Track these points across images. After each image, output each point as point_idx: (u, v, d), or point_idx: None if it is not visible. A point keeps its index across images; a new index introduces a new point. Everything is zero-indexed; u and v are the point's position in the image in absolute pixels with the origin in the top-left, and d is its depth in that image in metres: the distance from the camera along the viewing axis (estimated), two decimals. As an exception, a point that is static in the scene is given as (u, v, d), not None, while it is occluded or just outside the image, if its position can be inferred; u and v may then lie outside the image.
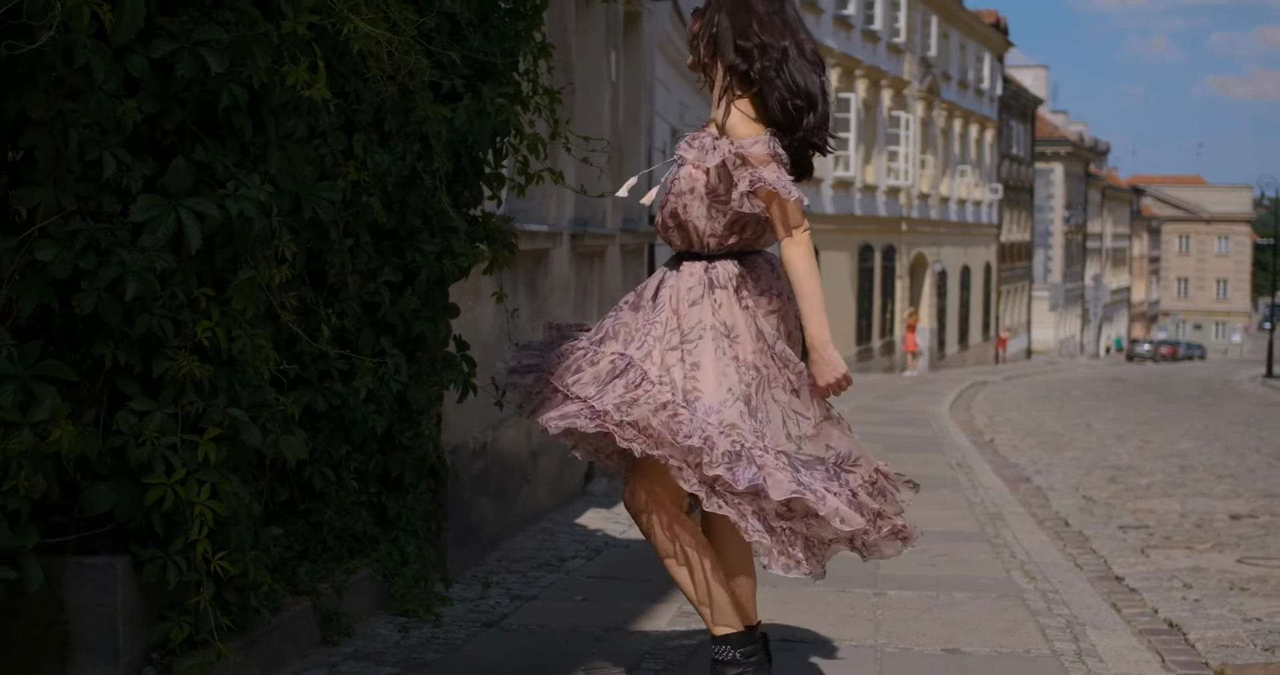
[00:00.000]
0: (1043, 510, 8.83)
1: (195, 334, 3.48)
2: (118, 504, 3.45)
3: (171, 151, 3.47)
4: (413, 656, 4.20)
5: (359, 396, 4.54)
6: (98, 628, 3.48)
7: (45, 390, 3.24)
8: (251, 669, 3.79)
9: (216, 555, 3.52)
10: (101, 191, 3.33)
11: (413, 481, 4.92)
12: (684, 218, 3.51)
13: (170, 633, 3.52)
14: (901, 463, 10.45)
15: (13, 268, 3.25)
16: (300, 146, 3.81)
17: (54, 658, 3.48)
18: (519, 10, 4.93)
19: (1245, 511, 8.92)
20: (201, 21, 3.42)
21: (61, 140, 3.25)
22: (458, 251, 4.82)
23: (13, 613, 3.41)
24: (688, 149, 3.50)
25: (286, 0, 3.66)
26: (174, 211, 3.39)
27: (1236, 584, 6.46)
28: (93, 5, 3.06)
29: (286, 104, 3.70)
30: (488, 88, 4.80)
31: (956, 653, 4.48)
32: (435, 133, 4.56)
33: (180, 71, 3.35)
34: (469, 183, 5.00)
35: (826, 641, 4.56)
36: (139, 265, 3.30)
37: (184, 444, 3.48)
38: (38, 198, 3.28)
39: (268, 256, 3.66)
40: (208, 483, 3.48)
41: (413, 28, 4.33)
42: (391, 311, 4.71)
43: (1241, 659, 5.00)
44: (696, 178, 3.48)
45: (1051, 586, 5.68)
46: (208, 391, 3.53)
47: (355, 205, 4.45)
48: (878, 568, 5.96)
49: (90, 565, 3.47)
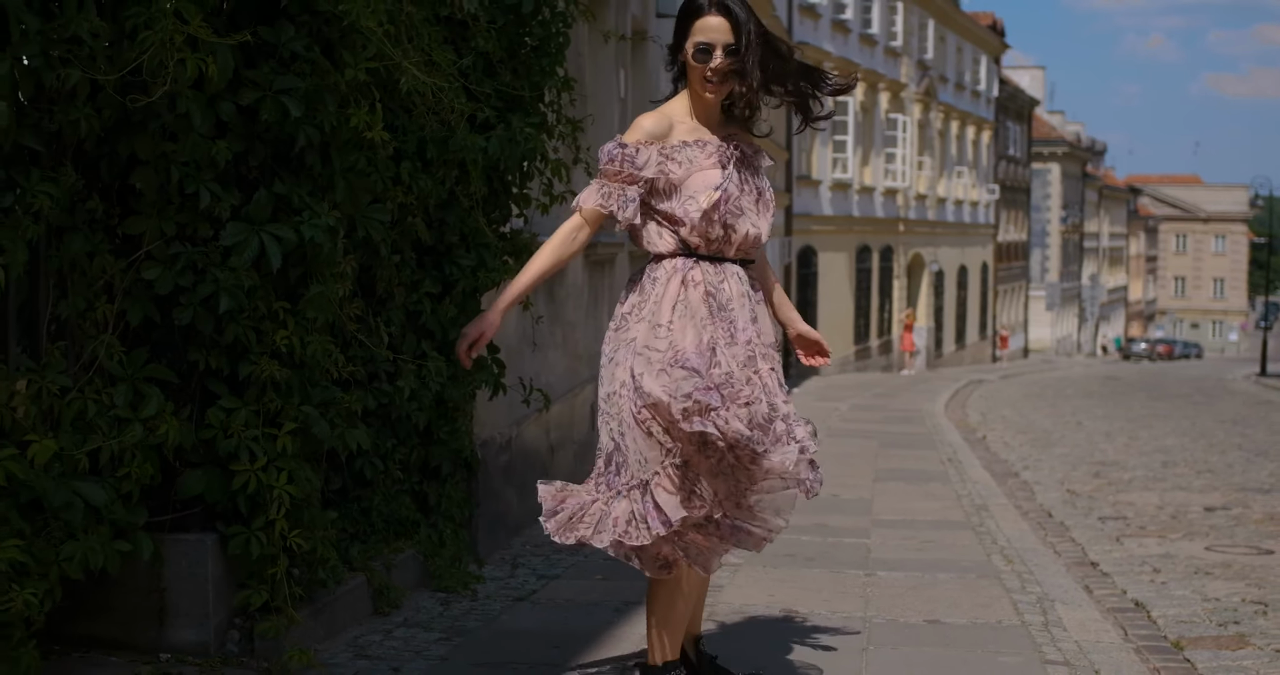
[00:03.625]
0: (1027, 502, 9.36)
1: (274, 341, 4.03)
2: (208, 488, 4.00)
3: (255, 184, 4.02)
4: (456, 624, 4.76)
5: (404, 395, 5.08)
6: (190, 595, 4.03)
7: (151, 390, 3.79)
8: (317, 633, 4.33)
9: (292, 533, 4.07)
10: (197, 219, 3.88)
11: (450, 472, 5.48)
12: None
13: (250, 599, 4.07)
14: (895, 458, 11.06)
15: (123, 285, 3.80)
16: (360, 177, 4.36)
17: (152, 620, 4.03)
18: (544, 48, 5.48)
19: (1220, 504, 9.45)
20: (281, 72, 3.96)
21: (164, 176, 3.81)
22: (490, 265, 5.38)
23: (118, 582, 3.96)
24: (766, 159, 3.81)
25: (349, 50, 4.21)
26: (257, 236, 3.93)
27: (1202, 569, 7.00)
28: (199, 60, 3.60)
29: (350, 141, 4.25)
30: (517, 118, 5.35)
31: (937, 623, 5.03)
32: (472, 160, 5.11)
33: (265, 116, 3.90)
34: (500, 203, 5.55)
35: (821, 614, 5.11)
36: (230, 282, 3.85)
37: (264, 436, 4.02)
38: (144, 225, 3.83)
39: (334, 273, 4.20)
40: (285, 470, 4.03)
41: (452, 67, 4.88)
42: (432, 319, 5.26)
43: (1196, 632, 5.55)
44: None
45: (1027, 569, 6.23)
46: (284, 391, 4.08)
47: (401, 225, 5.00)
48: (869, 552, 6.53)
49: (184, 541, 4.02)
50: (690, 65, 3.59)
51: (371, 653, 4.36)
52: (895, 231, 36.89)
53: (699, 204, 3.57)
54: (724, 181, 3.59)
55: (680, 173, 3.59)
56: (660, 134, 3.61)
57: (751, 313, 3.64)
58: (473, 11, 5.14)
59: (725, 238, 3.61)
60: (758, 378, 3.58)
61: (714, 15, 3.55)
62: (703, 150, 3.62)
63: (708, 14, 3.56)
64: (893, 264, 37.09)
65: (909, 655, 4.56)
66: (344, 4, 4.01)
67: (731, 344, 3.57)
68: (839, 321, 32.21)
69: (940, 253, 40.94)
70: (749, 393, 3.52)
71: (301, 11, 4.03)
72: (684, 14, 3.61)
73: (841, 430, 14.03)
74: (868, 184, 34.77)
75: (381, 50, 4.33)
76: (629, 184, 3.60)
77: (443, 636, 4.61)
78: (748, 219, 3.63)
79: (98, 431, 3.65)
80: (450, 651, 4.43)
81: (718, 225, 3.59)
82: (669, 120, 3.65)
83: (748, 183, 3.66)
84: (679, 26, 3.61)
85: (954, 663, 4.48)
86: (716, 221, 3.58)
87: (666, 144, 3.61)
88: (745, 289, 3.64)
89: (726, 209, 3.58)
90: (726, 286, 3.61)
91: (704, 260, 3.62)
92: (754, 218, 3.65)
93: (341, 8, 4.00)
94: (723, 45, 3.54)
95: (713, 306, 3.58)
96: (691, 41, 3.57)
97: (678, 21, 3.63)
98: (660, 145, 3.60)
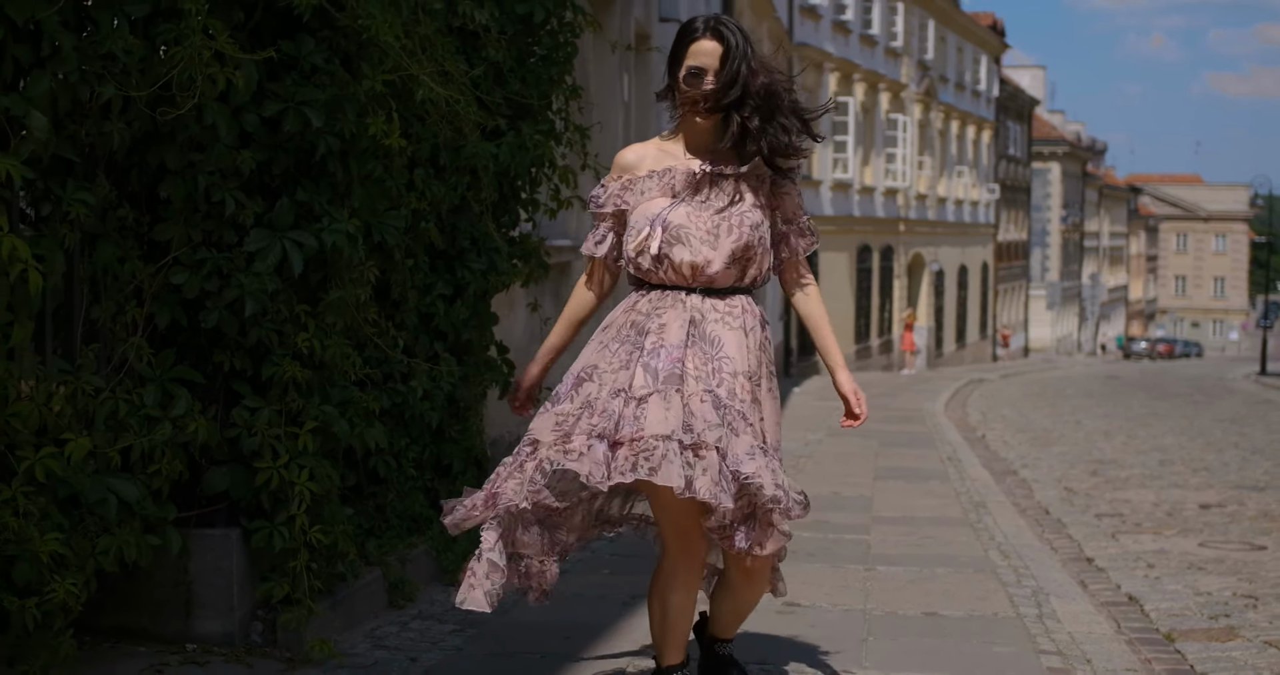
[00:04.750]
0: (1026, 500, 9.51)
1: (296, 343, 4.19)
2: (232, 484, 4.16)
3: (277, 192, 4.19)
4: (469, 616, 4.91)
5: (417, 395, 5.25)
6: (215, 587, 4.20)
7: (179, 391, 3.96)
8: (336, 624, 4.49)
9: (313, 528, 4.23)
10: (223, 226, 4.05)
11: (461, 469, 5.64)
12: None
13: (273, 591, 4.23)
14: (895, 457, 11.21)
15: (152, 290, 3.97)
16: (377, 184, 4.52)
17: (179, 612, 4.20)
18: (553, 57, 5.64)
19: (1215, 502, 9.59)
20: (302, 84, 4.12)
21: (192, 185, 3.97)
22: (500, 268, 5.55)
23: (146, 575, 4.12)
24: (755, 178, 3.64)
25: (367, 63, 4.37)
26: (280, 242, 4.10)
27: (1195, 564, 7.15)
28: (227, 74, 3.77)
29: (367, 149, 4.41)
30: (526, 125, 5.52)
31: (934, 615, 5.20)
32: (483, 166, 5.28)
33: (287, 126, 4.06)
34: (509, 208, 5.72)
35: (823, 606, 5.27)
36: (254, 287, 4.01)
37: (286, 435, 4.19)
38: (172, 232, 4.00)
39: (353, 278, 4.37)
40: (306, 467, 4.19)
41: (465, 77, 5.04)
42: (444, 321, 5.42)
43: (1188, 625, 5.70)
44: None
45: (1023, 563, 6.39)
46: (305, 391, 4.24)
47: (414, 230, 5.16)
48: (869, 548, 6.68)
49: (210, 535, 4.19)
50: (680, 88, 3.53)
51: (389, 643, 4.52)
52: (896, 231, 37.03)
53: (632, 237, 3.57)
54: (662, 212, 3.52)
55: (633, 205, 3.60)
56: (631, 166, 3.63)
57: (687, 336, 3.49)
58: (484, 22, 5.30)
59: (666, 267, 3.53)
60: (638, 404, 3.42)
61: (708, 40, 3.50)
62: (661, 180, 3.58)
63: (701, 38, 3.50)
64: (893, 264, 37.23)
65: (907, 645, 4.72)
66: (363, 19, 4.16)
67: (620, 368, 3.49)
68: (840, 321, 32.36)
69: (941, 252, 41.09)
70: (596, 422, 3.44)
71: (322, 26, 4.19)
72: (680, 36, 3.57)
73: (841, 429, 14.14)
74: (868, 184, 34.91)
75: (399, 62, 4.49)
76: (601, 222, 3.71)
77: (456, 628, 4.77)
78: (688, 248, 3.50)
79: (129, 430, 3.81)
80: (465, 642, 4.59)
81: (647, 256, 3.53)
82: (647, 150, 3.67)
83: (704, 210, 3.53)
84: (675, 48, 3.57)
85: (950, 653, 4.64)
86: (646, 252, 3.52)
87: (636, 175, 3.61)
88: (690, 316, 3.51)
89: (664, 238, 3.50)
90: (664, 314, 3.53)
91: (655, 289, 3.58)
92: (698, 246, 3.50)
93: (361, 22, 4.16)
94: (714, 70, 3.49)
95: (625, 332, 3.55)
96: (684, 65, 3.52)
97: (674, 43, 3.59)
98: (629, 177, 3.61)
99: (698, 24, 3.55)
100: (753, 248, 3.54)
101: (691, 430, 3.38)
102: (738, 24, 3.59)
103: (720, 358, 3.49)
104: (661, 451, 3.34)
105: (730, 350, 3.50)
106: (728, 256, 3.52)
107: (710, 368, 3.47)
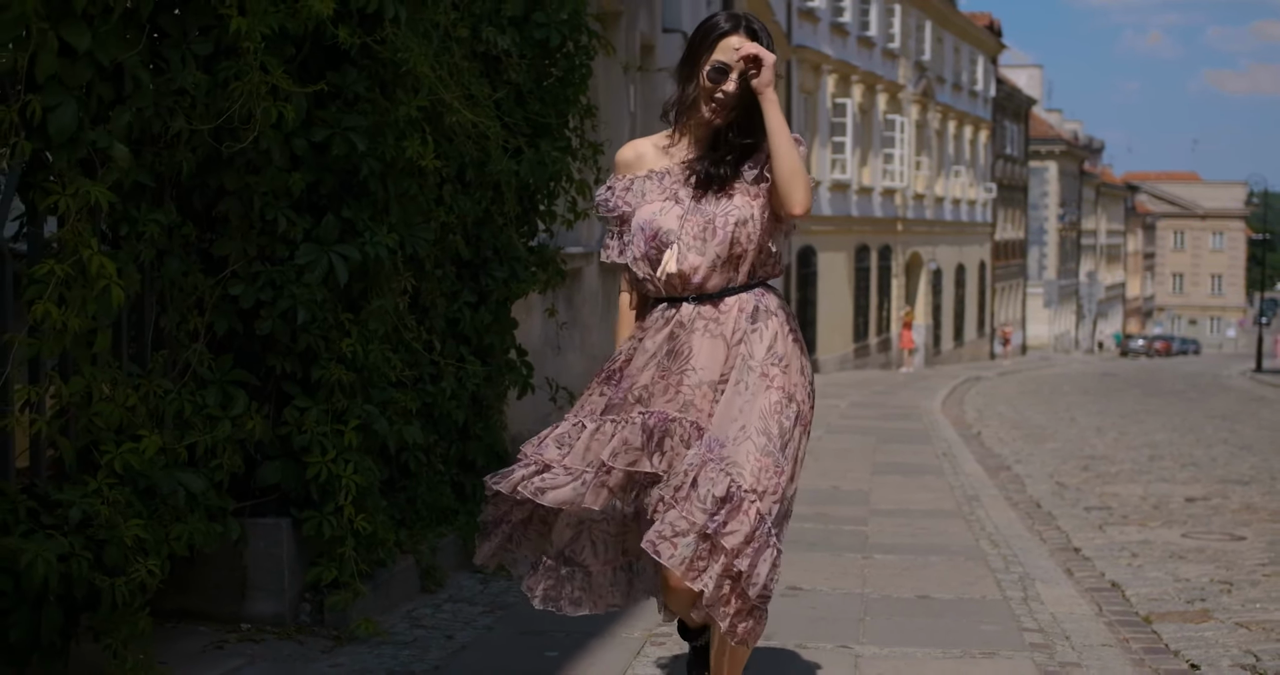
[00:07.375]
0: (1018, 494, 9.87)
1: (341, 348, 4.58)
2: (284, 477, 4.56)
3: (324, 210, 4.58)
4: (498, 600, 5.32)
5: (445, 395, 5.64)
6: (268, 571, 4.59)
7: (237, 392, 4.35)
8: (377, 606, 4.88)
9: (358, 517, 4.61)
10: (275, 242, 4.44)
11: (484, 464, 6.03)
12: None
13: (321, 575, 4.62)
14: (892, 453, 11.60)
15: (212, 300, 4.36)
16: (412, 201, 4.91)
17: (235, 595, 4.59)
18: (569, 79, 6.04)
19: (1200, 495, 9.94)
20: (347, 111, 4.51)
21: (248, 205, 4.36)
22: (521, 276, 5.94)
23: (205, 561, 4.51)
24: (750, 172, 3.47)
25: (403, 89, 4.76)
26: (326, 256, 4.49)
27: (1177, 553, 7.53)
28: (279, 106, 4.16)
29: (405, 169, 4.80)
30: (545, 143, 5.91)
31: (926, 598, 5.59)
32: (506, 182, 5.67)
33: (334, 151, 4.45)
34: (529, 220, 6.11)
35: (824, 590, 5.67)
36: (305, 297, 4.40)
37: (333, 432, 4.58)
38: (230, 248, 4.39)
39: (393, 288, 4.76)
40: (351, 461, 4.58)
41: (488, 100, 5.44)
42: (469, 326, 5.82)
43: (1165, 608, 6.08)
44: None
45: (1012, 552, 6.78)
46: (349, 392, 4.63)
47: (443, 242, 5.55)
48: (866, 538, 7.08)
49: (263, 524, 4.58)
50: (702, 85, 3.35)
51: (426, 623, 4.92)
52: (894, 231, 37.40)
53: (639, 253, 3.46)
54: (653, 217, 3.42)
55: (632, 208, 3.48)
56: (631, 164, 3.52)
57: (652, 356, 3.42)
58: (505, 47, 5.69)
59: (663, 283, 3.43)
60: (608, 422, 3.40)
61: (741, 36, 3.34)
62: (660, 182, 3.46)
63: (733, 34, 3.33)
64: (891, 263, 37.60)
65: (900, 624, 5.12)
66: (401, 52, 4.55)
67: (610, 386, 3.49)
68: (838, 320, 32.78)
69: (938, 251, 41.46)
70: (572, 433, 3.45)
71: (363, 57, 4.58)
72: (704, 32, 3.39)
73: (841, 426, 14.56)
74: (866, 184, 35.27)
75: (432, 88, 4.88)
76: (613, 226, 3.56)
77: (486, 609, 5.16)
78: (671, 253, 3.38)
79: (194, 428, 4.20)
80: (495, 622, 4.99)
81: (643, 262, 3.45)
82: (646, 147, 3.53)
83: (696, 214, 3.40)
84: (696, 44, 3.38)
85: (940, 630, 5.03)
86: (640, 259, 3.45)
87: (636, 175, 3.50)
88: (671, 331, 3.42)
89: (652, 245, 3.42)
90: (647, 336, 3.46)
91: (662, 302, 3.47)
92: (685, 253, 3.38)
93: (400, 55, 4.55)
94: (739, 70, 3.32)
95: (638, 355, 3.48)
96: (709, 60, 3.33)
97: (695, 39, 3.40)
98: (630, 177, 3.51)
99: (723, 21, 3.39)
100: (739, 245, 3.39)
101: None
102: (762, 24, 3.45)
103: (685, 370, 3.38)
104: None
105: (700, 360, 3.38)
106: (713, 260, 3.38)
107: (668, 382, 3.39)
